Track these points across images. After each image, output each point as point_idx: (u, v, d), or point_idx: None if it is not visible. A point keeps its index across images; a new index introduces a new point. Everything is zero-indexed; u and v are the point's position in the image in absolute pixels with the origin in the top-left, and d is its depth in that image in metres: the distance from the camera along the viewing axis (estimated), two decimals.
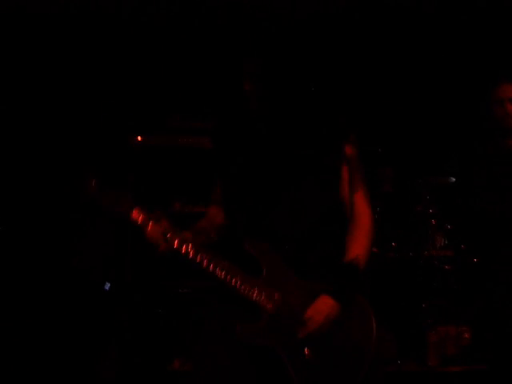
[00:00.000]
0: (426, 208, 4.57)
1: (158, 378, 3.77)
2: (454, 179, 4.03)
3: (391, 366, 3.90)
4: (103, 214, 2.11)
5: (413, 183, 4.71)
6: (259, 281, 2.02)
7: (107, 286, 4.41)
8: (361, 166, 2.19)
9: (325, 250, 2.11)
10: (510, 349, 2.85)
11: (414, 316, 4.15)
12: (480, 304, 3.34)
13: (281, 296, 2.02)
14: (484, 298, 3.05)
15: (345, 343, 2.02)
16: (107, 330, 4.08)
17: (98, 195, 2.10)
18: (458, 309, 4.14)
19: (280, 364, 1.98)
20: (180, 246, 2.03)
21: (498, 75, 3.04)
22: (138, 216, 2.07)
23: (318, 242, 2.09)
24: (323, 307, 2.00)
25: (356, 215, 2.15)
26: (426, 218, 4.54)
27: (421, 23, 4.47)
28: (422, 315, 4.11)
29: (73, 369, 3.79)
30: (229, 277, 2.01)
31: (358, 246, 2.11)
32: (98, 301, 4.24)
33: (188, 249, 2.03)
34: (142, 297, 4.15)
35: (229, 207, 2.21)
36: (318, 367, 1.98)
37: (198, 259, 2.03)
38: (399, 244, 4.49)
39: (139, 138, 3.98)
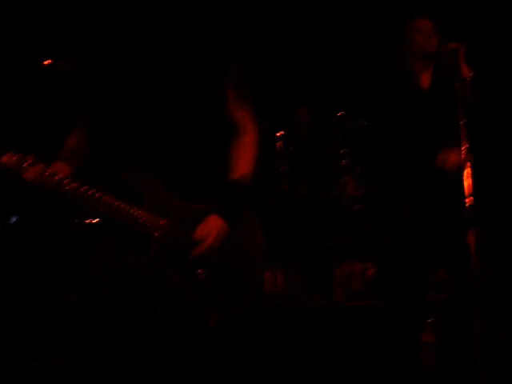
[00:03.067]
0: (338, 149, 4.65)
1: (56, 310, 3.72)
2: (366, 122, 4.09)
3: (296, 300, 4.01)
4: None
5: (327, 123, 4.77)
6: (142, 209, 1.99)
7: (13, 218, 4.33)
8: (247, 87, 2.17)
9: (209, 170, 2.10)
10: (410, 285, 2.97)
11: (321, 252, 4.26)
12: (385, 243, 3.44)
13: (167, 222, 2.00)
14: (389, 237, 3.14)
15: (236, 259, 2.06)
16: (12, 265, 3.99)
17: None
18: (363, 247, 4.27)
19: (176, 290, 1.99)
20: (60, 183, 1.96)
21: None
22: (9, 161, 1.95)
23: (201, 162, 2.09)
24: (212, 227, 2.00)
25: (240, 133, 2.14)
26: (338, 159, 4.62)
27: None
28: (329, 252, 4.23)
29: None
30: (113, 208, 1.97)
31: (243, 163, 2.11)
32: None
33: (70, 185, 1.96)
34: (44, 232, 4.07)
35: (102, 137, 2.15)
36: (213, 286, 2.01)
37: (81, 192, 1.96)
38: (310, 182, 4.56)
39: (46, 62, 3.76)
